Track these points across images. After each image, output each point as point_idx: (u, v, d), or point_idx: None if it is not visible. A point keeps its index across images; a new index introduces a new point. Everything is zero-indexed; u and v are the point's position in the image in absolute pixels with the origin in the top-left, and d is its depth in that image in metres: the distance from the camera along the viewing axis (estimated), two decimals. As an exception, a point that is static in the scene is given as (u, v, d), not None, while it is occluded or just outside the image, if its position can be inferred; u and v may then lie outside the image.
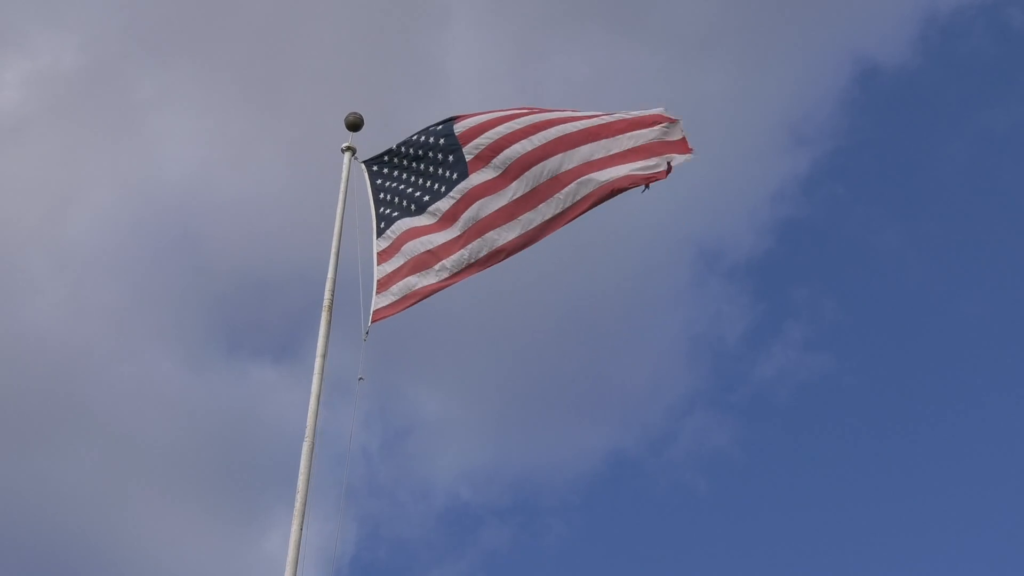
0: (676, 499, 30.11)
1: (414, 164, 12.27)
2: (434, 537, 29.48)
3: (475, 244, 11.63)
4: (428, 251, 11.73)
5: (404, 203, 12.13)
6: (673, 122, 11.62)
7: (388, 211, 12.16)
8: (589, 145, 11.65)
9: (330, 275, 11.57)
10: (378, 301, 11.57)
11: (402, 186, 12.24)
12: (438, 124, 12.32)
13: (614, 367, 31.38)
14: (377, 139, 12.56)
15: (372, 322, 11.40)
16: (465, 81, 32.72)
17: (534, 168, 11.65)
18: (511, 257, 11.62)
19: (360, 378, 10.98)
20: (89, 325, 29.45)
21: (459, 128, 12.12)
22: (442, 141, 12.16)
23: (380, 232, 12.03)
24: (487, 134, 11.94)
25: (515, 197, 11.66)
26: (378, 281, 11.69)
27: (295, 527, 10.35)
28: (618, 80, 33.97)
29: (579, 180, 11.47)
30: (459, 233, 11.73)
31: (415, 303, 11.59)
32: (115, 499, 26.99)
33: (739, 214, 33.37)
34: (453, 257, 11.64)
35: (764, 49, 35.78)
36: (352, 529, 25.90)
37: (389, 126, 28.38)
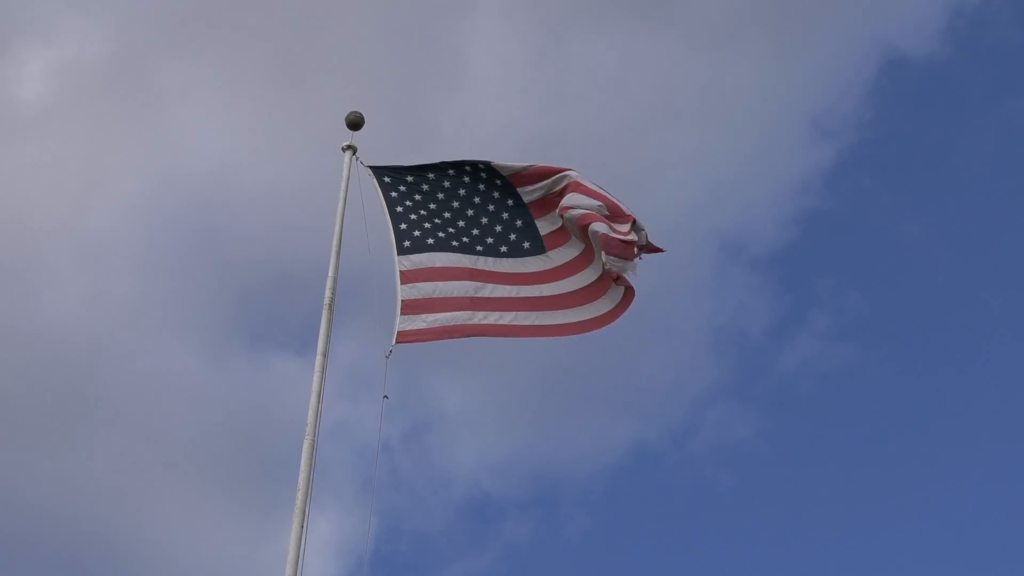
0: (698, 491, 30.08)
1: (457, 203, 12.33)
2: (455, 530, 29.53)
3: (536, 314, 11.84)
4: (476, 297, 11.76)
5: (440, 233, 12.09)
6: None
7: (417, 233, 12.05)
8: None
9: (331, 273, 11.55)
10: (404, 323, 11.42)
11: (438, 218, 12.19)
12: (492, 176, 12.53)
13: (636, 359, 31.30)
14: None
15: (396, 342, 11.29)
16: (488, 71, 32.76)
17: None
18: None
19: (385, 396, 10.92)
20: (110, 318, 29.52)
21: (527, 195, 12.47)
22: (510, 202, 12.41)
23: (404, 250, 11.90)
24: (563, 215, 12.27)
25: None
26: (403, 302, 11.53)
27: (296, 524, 10.36)
28: (642, 70, 33.95)
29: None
30: (526, 296, 11.93)
31: (451, 339, 11.55)
32: (135, 493, 27.03)
33: (763, 205, 33.29)
34: (513, 314, 11.75)
35: (789, 39, 35.62)
36: (373, 522, 25.92)
37: (412, 115, 28.44)
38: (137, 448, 27.35)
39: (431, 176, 12.36)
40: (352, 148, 12.37)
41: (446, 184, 12.36)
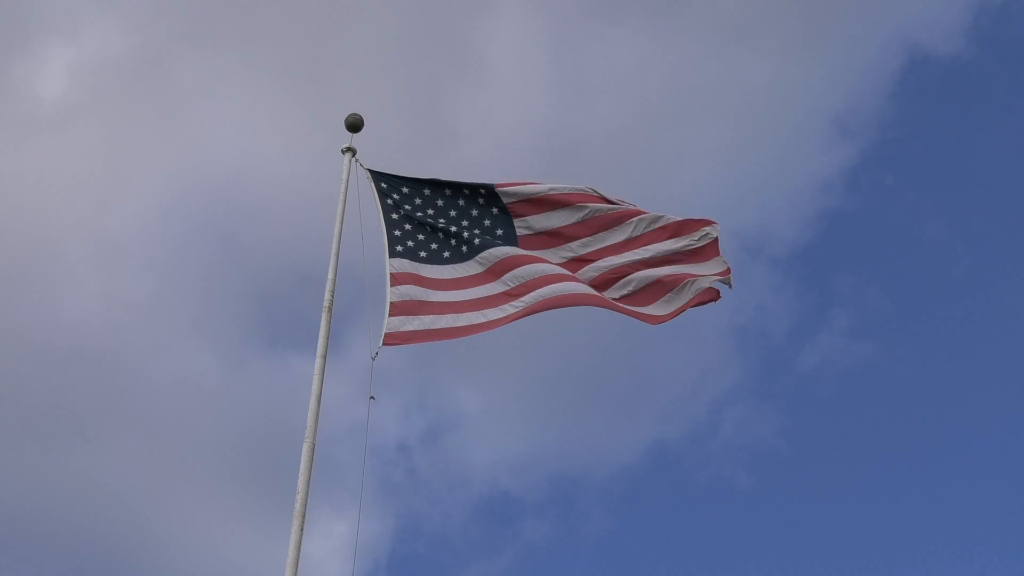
0: (717, 491, 29.99)
1: (445, 210, 12.27)
2: (474, 530, 29.49)
3: (524, 298, 11.74)
4: (459, 301, 11.66)
5: (433, 244, 12.05)
6: (712, 224, 12.78)
7: (410, 243, 12.02)
8: (639, 250, 12.49)
9: (330, 276, 11.52)
10: (391, 324, 11.37)
11: (431, 227, 12.14)
12: (477, 186, 12.45)
13: (656, 359, 31.24)
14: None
15: (384, 345, 11.24)
16: (507, 69, 32.72)
17: (589, 266, 12.29)
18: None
19: (371, 397, 10.89)
20: (129, 319, 29.55)
21: (507, 198, 12.40)
22: (480, 198, 12.35)
23: (395, 253, 11.88)
24: (540, 217, 12.30)
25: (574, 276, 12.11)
26: (392, 304, 11.50)
27: (295, 528, 10.32)
28: (661, 68, 33.85)
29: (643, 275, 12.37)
30: (504, 289, 11.82)
31: (438, 340, 11.48)
32: (153, 495, 27.03)
33: (785, 204, 33.17)
34: (494, 309, 11.66)
35: (812, 37, 35.48)
36: (390, 524, 25.92)
37: (432, 112, 28.40)
38: (155, 450, 27.39)
39: (427, 192, 12.29)
40: (352, 150, 12.31)
41: (439, 203, 12.30)
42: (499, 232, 12.23)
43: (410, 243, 11.98)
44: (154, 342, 29.26)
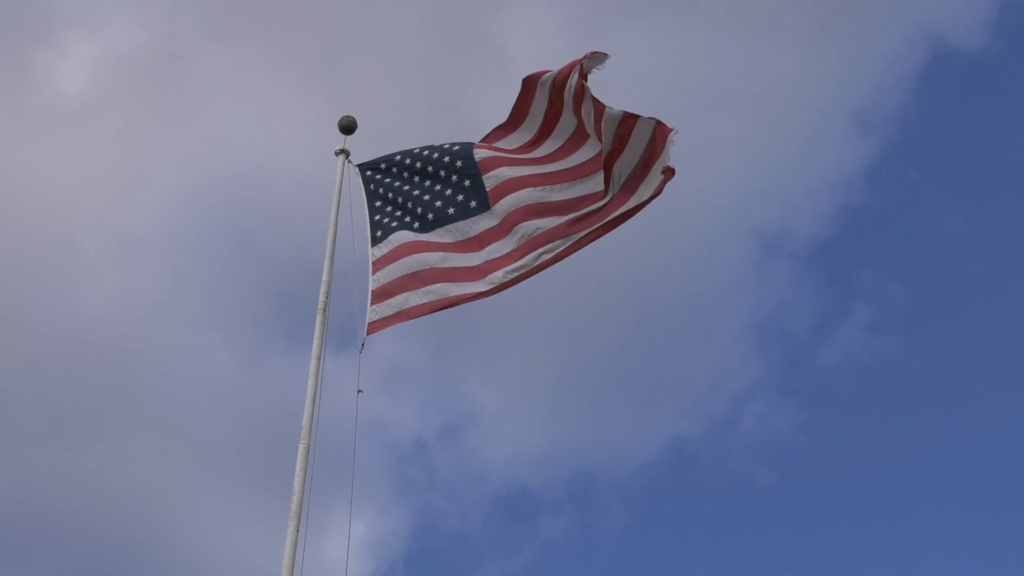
0: (737, 487, 29.94)
1: (418, 178, 12.10)
2: (492, 527, 29.50)
3: (510, 266, 11.39)
4: (434, 268, 11.48)
5: (406, 217, 11.93)
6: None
7: (386, 220, 11.96)
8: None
9: (324, 278, 11.52)
10: (373, 312, 11.34)
11: (403, 198, 12.03)
12: (453, 144, 12.21)
13: (676, 354, 31.19)
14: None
15: (368, 334, 11.24)
16: (526, 63, 32.69)
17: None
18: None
19: (359, 391, 10.87)
20: (145, 314, 29.58)
21: (479, 155, 12.02)
22: (459, 164, 12.01)
23: (376, 240, 11.84)
24: (505, 169, 11.86)
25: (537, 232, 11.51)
26: (372, 291, 11.46)
27: (291, 528, 10.36)
28: (680, 62, 33.73)
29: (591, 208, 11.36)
30: (484, 260, 11.51)
31: (415, 318, 11.35)
32: (169, 494, 27.04)
33: (806, 199, 33.06)
34: (477, 280, 11.40)
35: (833, 31, 35.30)
36: (406, 521, 25.95)
37: (452, 107, 28.37)
38: (170, 447, 27.44)
39: (410, 162, 12.18)
40: (345, 152, 12.35)
41: (417, 165, 12.17)
42: (472, 203, 11.85)
43: (386, 220, 11.93)
44: (170, 338, 29.32)
